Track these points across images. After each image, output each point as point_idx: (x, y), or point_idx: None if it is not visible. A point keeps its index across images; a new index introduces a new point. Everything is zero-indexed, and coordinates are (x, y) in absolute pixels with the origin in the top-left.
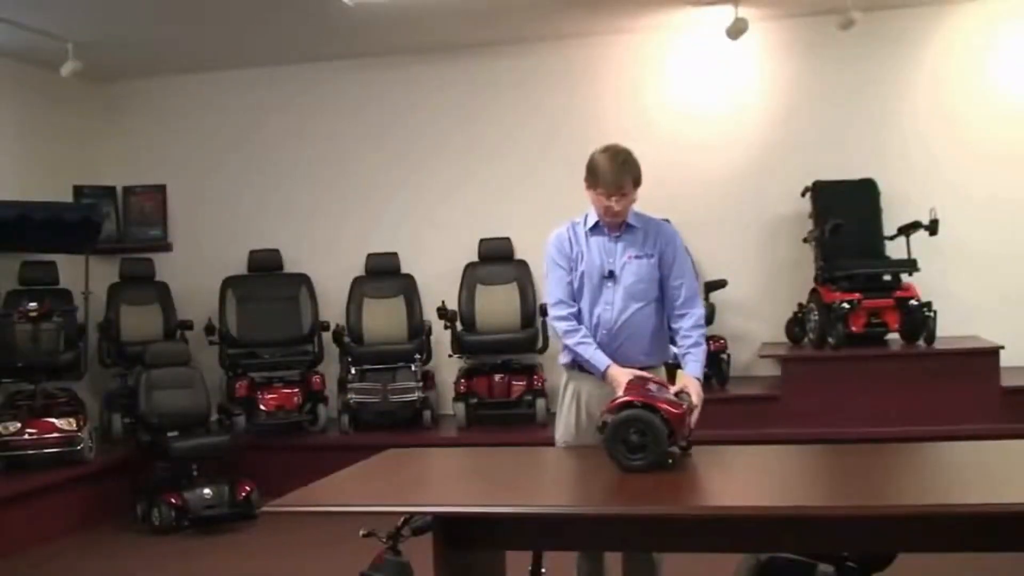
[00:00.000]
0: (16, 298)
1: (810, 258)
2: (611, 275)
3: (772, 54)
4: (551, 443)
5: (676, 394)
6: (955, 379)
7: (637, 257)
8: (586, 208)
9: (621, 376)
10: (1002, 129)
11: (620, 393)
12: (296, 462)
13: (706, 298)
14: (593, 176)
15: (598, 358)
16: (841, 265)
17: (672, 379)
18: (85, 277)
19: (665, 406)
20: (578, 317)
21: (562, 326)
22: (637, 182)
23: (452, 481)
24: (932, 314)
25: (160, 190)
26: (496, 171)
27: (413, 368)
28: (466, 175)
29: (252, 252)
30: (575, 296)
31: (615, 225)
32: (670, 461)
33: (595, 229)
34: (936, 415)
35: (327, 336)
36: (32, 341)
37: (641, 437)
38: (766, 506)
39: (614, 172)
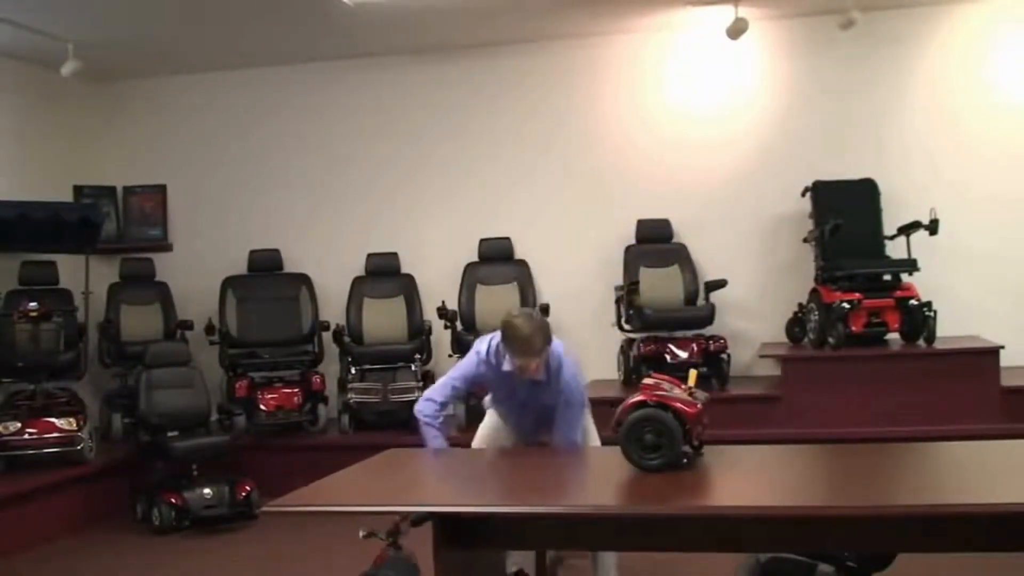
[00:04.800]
0: (16, 298)
1: (810, 258)
2: (525, 404)
3: (772, 54)
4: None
5: (690, 392)
6: (955, 379)
7: (543, 399)
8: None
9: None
10: (1002, 129)
11: None
12: (296, 462)
13: (706, 298)
14: (511, 341)
15: (435, 444)
16: (841, 265)
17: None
18: (85, 277)
19: (679, 404)
20: (444, 407)
21: (427, 410)
22: (549, 341)
23: (452, 481)
24: (932, 314)
25: (160, 190)
26: (496, 171)
27: (413, 368)
28: (466, 175)
29: (252, 252)
30: (454, 397)
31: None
32: (684, 460)
33: (511, 373)
34: (936, 415)
35: (327, 336)
36: (32, 341)
37: (656, 437)
38: (766, 506)
39: (528, 338)
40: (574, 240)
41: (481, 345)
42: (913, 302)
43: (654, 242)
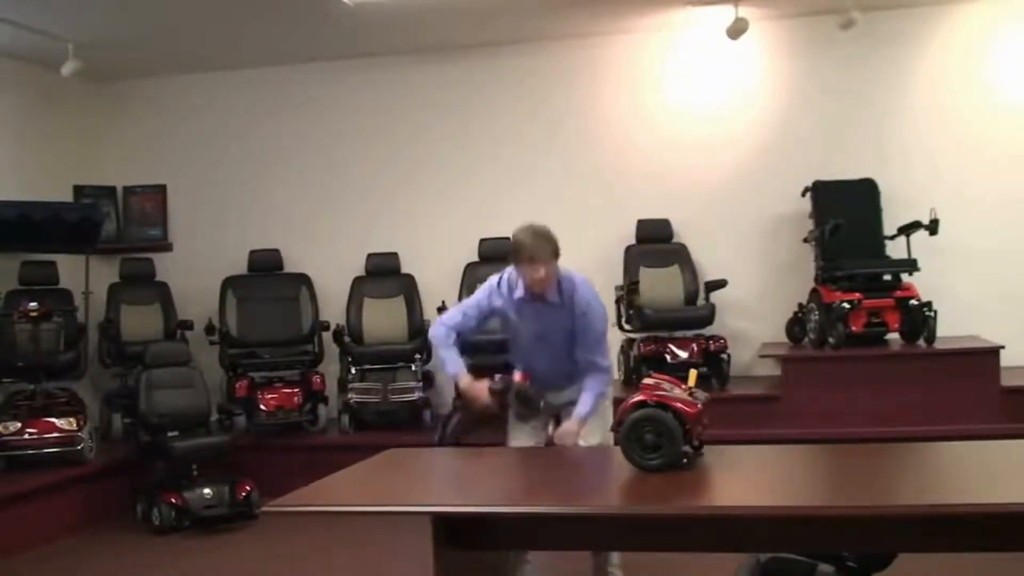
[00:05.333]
0: (16, 298)
1: (810, 258)
2: (541, 337)
3: (772, 54)
4: (549, 442)
5: (690, 392)
6: (955, 379)
7: (560, 325)
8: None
9: (466, 382)
10: (1002, 129)
11: (475, 397)
12: (296, 462)
13: (706, 298)
14: (517, 252)
15: (456, 365)
16: (841, 265)
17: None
18: (85, 277)
19: (679, 404)
20: (454, 332)
21: (438, 332)
22: (556, 253)
23: (452, 481)
24: (932, 314)
25: (160, 190)
26: (496, 171)
27: (413, 368)
28: (466, 175)
29: (252, 252)
30: (464, 326)
31: (540, 296)
32: (684, 460)
33: (523, 299)
34: (936, 415)
35: (327, 336)
36: (32, 341)
37: (656, 437)
38: (766, 506)
39: (533, 244)
40: (574, 240)
41: (494, 278)
42: (913, 302)
43: (654, 242)
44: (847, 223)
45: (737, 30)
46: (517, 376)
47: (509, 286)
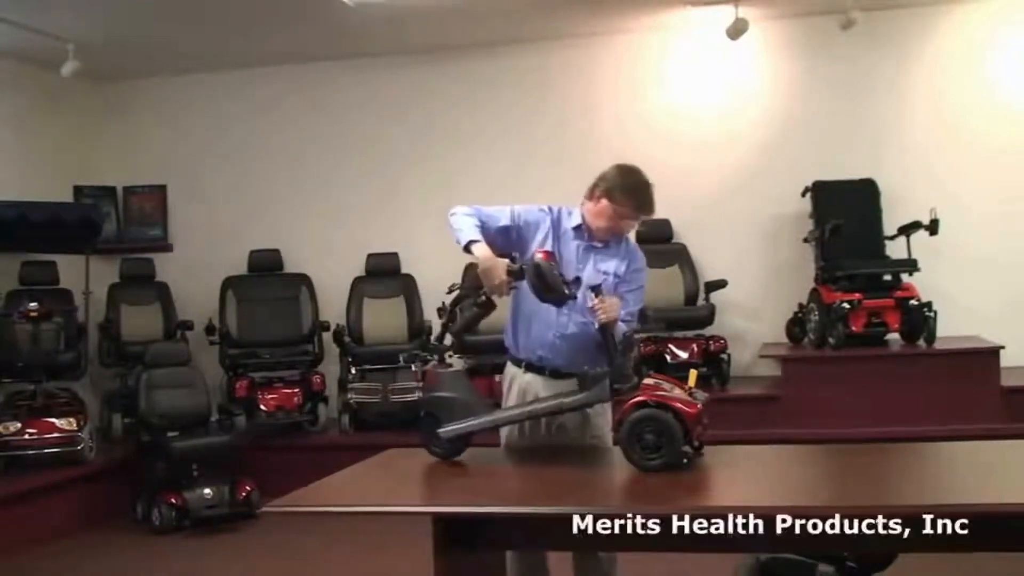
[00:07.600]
0: (16, 298)
1: (810, 258)
2: (577, 281)
3: (772, 54)
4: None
5: (690, 392)
6: (955, 379)
7: (603, 273)
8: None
9: (484, 251)
10: (1002, 129)
11: (489, 269)
12: (296, 462)
13: (706, 298)
14: (625, 194)
15: (474, 232)
16: (841, 265)
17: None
18: (85, 277)
19: (679, 404)
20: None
21: (464, 208)
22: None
23: (452, 481)
24: (932, 314)
25: (160, 190)
26: (496, 170)
27: (413, 368)
28: (466, 175)
29: (252, 252)
30: (487, 216)
31: (603, 239)
32: (684, 460)
33: (576, 230)
34: (936, 415)
35: (327, 336)
36: (32, 341)
37: (657, 437)
38: (766, 506)
39: (649, 201)
40: None
41: (555, 207)
42: (913, 302)
43: (654, 242)
44: (847, 223)
45: (737, 30)
46: (539, 254)
47: (560, 212)
